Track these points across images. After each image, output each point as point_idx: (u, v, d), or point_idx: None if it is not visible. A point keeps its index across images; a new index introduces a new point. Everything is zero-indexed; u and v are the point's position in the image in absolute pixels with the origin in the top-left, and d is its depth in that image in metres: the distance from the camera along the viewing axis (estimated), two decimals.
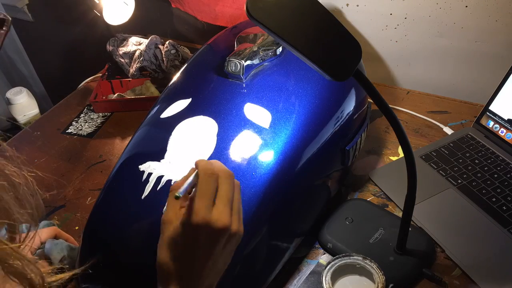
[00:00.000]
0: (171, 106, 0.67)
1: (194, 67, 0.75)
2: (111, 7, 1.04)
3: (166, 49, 1.06)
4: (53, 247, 0.62)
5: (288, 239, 0.65)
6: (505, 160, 0.81)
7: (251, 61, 0.68)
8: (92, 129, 1.00)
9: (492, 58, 0.98)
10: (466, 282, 0.65)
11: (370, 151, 0.89)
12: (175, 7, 1.24)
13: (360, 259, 0.60)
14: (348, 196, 0.80)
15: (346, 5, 1.06)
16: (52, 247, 0.62)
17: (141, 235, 0.57)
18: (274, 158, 0.59)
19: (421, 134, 0.93)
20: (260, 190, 0.57)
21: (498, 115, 0.85)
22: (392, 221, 0.70)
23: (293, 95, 0.65)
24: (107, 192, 0.62)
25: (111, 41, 1.13)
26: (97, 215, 0.61)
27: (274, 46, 0.71)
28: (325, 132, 0.65)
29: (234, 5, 1.13)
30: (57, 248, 0.62)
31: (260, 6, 0.42)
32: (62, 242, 0.64)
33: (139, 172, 0.60)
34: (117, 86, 1.09)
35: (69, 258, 0.63)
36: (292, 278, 0.67)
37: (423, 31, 1.01)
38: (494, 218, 0.72)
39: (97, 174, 0.88)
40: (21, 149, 0.96)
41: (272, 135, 0.61)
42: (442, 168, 0.82)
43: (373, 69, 1.13)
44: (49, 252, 0.61)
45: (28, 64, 1.55)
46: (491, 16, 0.93)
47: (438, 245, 0.69)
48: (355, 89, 0.72)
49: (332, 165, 0.70)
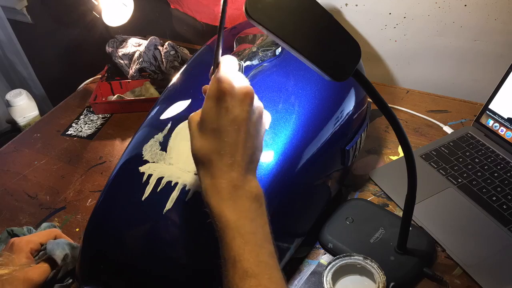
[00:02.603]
0: (171, 107, 0.67)
1: (193, 68, 0.75)
2: (110, 8, 1.04)
3: (166, 50, 1.06)
4: (55, 247, 0.62)
5: (289, 239, 0.65)
6: (505, 159, 0.81)
7: (251, 62, 0.68)
8: (92, 130, 1.00)
9: (492, 57, 0.98)
10: (467, 281, 0.65)
11: (370, 151, 0.89)
12: (174, 8, 1.24)
13: (361, 259, 0.60)
14: (348, 196, 0.80)
15: (345, 5, 1.06)
16: (53, 246, 0.62)
17: (141, 236, 0.57)
18: (274, 158, 0.59)
19: (421, 133, 0.93)
20: None
21: (498, 114, 0.85)
22: (393, 220, 0.70)
23: (293, 95, 0.65)
24: (108, 193, 0.62)
25: (110, 42, 1.13)
26: (98, 217, 0.61)
27: (273, 47, 0.71)
28: (325, 132, 0.65)
29: (233, 6, 1.13)
30: (59, 247, 0.63)
31: (259, 7, 0.42)
32: (63, 240, 0.64)
33: (139, 173, 0.60)
34: (117, 88, 1.09)
35: (71, 257, 0.63)
36: (293, 278, 0.67)
37: (422, 30, 1.01)
38: (494, 217, 0.72)
39: (97, 175, 0.88)
40: (21, 151, 0.96)
41: (272, 135, 0.61)
42: (442, 167, 0.82)
43: (372, 68, 1.13)
44: (52, 251, 0.62)
45: (27, 66, 1.55)
46: (490, 15, 0.93)
47: (438, 244, 0.69)
48: (354, 89, 0.72)
49: (332, 165, 0.70)
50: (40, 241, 0.64)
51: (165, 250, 0.56)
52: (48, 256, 0.62)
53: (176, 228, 0.56)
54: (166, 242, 0.56)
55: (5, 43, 1.49)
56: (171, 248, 0.55)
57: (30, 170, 0.91)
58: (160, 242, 0.56)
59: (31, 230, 0.72)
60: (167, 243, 0.56)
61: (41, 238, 0.64)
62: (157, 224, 0.56)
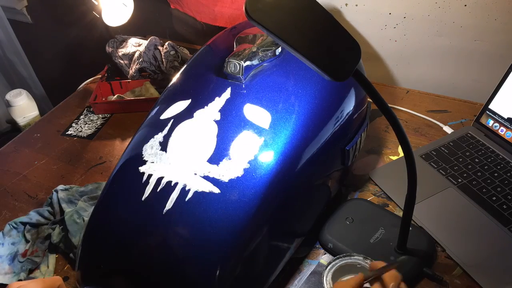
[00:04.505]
0: (171, 107, 0.67)
1: (193, 68, 0.75)
2: (110, 8, 1.04)
3: (166, 50, 1.06)
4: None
5: (289, 239, 0.65)
6: (505, 159, 0.81)
7: (251, 62, 0.68)
8: (92, 130, 1.00)
9: (492, 56, 0.98)
10: (467, 281, 0.65)
11: (370, 151, 0.89)
12: (174, 8, 1.24)
13: (361, 259, 0.60)
14: (348, 196, 0.80)
15: (345, 5, 1.06)
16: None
17: (141, 236, 0.57)
18: (274, 158, 0.59)
19: (421, 133, 0.93)
20: (260, 191, 0.57)
21: (498, 114, 0.85)
22: (393, 220, 0.70)
23: (293, 95, 0.65)
24: (107, 193, 0.62)
25: (110, 42, 1.13)
26: (98, 217, 0.61)
27: (273, 47, 0.71)
28: (325, 132, 0.65)
29: (233, 6, 1.13)
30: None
31: (258, 7, 0.42)
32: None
33: (139, 173, 0.60)
34: (117, 88, 1.09)
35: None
36: (293, 278, 0.67)
37: (422, 30, 1.01)
38: (494, 217, 0.72)
39: (97, 175, 0.88)
40: (21, 151, 0.96)
41: (272, 135, 0.61)
42: (442, 167, 0.82)
43: (372, 68, 1.13)
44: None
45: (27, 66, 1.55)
46: (490, 15, 0.93)
47: (438, 244, 0.69)
48: (354, 89, 0.72)
49: (332, 165, 0.70)
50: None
51: (165, 250, 0.56)
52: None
53: (176, 228, 0.56)
54: (166, 242, 0.56)
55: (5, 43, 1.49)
56: (171, 248, 0.56)
57: (30, 170, 0.91)
58: (160, 242, 0.56)
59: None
60: (167, 243, 0.56)
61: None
62: (157, 224, 0.56)
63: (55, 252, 0.73)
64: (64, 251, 0.72)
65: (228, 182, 0.57)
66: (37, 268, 0.71)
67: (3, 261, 0.69)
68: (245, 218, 0.55)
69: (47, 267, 0.71)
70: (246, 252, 0.56)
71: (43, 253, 0.72)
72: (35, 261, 0.71)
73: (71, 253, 0.71)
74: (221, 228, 0.55)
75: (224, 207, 0.55)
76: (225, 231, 0.55)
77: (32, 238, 0.72)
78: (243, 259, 0.56)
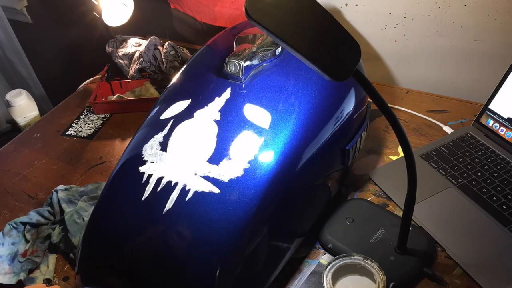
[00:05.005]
0: (171, 107, 0.67)
1: (193, 68, 0.75)
2: (110, 8, 1.04)
3: (166, 50, 1.06)
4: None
5: (289, 239, 0.65)
6: (505, 159, 0.81)
7: (251, 62, 0.68)
8: (92, 130, 1.00)
9: (492, 57, 0.98)
10: (467, 281, 0.65)
11: (370, 151, 0.89)
12: (174, 8, 1.24)
13: (361, 259, 0.60)
14: (348, 196, 0.80)
15: (345, 5, 1.06)
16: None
17: (141, 236, 0.57)
18: (274, 158, 0.59)
19: (421, 133, 0.93)
20: (260, 191, 0.57)
21: (498, 114, 0.85)
22: (393, 220, 0.70)
23: (293, 95, 0.65)
24: (107, 193, 0.62)
25: (110, 42, 1.13)
26: (98, 217, 0.61)
27: (273, 47, 0.71)
28: (325, 132, 0.65)
29: (233, 6, 1.13)
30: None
31: (258, 7, 0.42)
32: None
33: (139, 173, 0.60)
34: (117, 88, 1.09)
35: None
36: (293, 278, 0.67)
37: (422, 30, 1.01)
38: (494, 217, 0.72)
39: (97, 175, 0.88)
40: (21, 151, 0.96)
41: (272, 135, 0.61)
42: (442, 167, 0.82)
43: (372, 68, 1.13)
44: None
45: (27, 66, 1.55)
46: (490, 15, 0.93)
47: (438, 244, 0.69)
48: (354, 89, 0.72)
49: (332, 165, 0.70)
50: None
51: (165, 250, 0.56)
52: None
53: (176, 228, 0.56)
54: (166, 242, 0.56)
55: (5, 43, 1.49)
56: (171, 248, 0.56)
57: (30, 170, 0.91)
58: (160, 242, 0.56)
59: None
60: (167, 243, 0.56)
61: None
62: (157, 224, 0.56)
63: (55, 252, 0.73)
64: (64, 251, 0.72)
65: (228, 182, 0.57)
66: (37, 268, 0.71)
67: (3, 261, 0.69)
68: (245, 218, 0.55)
69: (47, 267, 0.71)
70: (246, 252, 0.56)
71: (43, 253, 0.72)
72: (35, 261, 0.71)
73: (71, 253, 0.71)
74: (221, 228, 0.55)
75: (224, 207, 0.55)
76: (225, 231, 0.55)
77: (32, 238, 0.72)
78: (243, 259, 0.56)
